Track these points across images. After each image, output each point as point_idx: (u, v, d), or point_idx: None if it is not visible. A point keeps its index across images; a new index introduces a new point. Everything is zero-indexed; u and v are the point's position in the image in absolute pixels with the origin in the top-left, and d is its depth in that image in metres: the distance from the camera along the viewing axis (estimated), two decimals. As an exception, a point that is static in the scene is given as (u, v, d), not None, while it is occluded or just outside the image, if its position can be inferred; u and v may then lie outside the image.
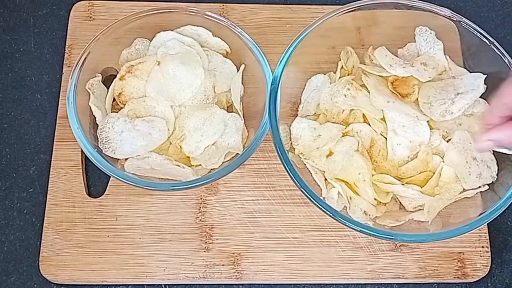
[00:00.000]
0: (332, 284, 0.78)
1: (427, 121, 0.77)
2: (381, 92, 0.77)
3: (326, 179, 0.75)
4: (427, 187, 0.75)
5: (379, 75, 0.79)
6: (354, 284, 0.78)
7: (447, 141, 0.77)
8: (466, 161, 0.75)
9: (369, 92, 0.78)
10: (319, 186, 0.74)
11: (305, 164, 0.76)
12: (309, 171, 0.75)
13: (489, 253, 0.79)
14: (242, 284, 0.78)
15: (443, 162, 0.76)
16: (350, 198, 0.74)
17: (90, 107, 0.76)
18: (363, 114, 0.78)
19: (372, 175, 0.75)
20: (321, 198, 0.72)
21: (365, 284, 0.78)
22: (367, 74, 0.79)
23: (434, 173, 0.76)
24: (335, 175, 0.75)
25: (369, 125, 0.78)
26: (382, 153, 0.77)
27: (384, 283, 0.78)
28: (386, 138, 0.77)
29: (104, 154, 0.74)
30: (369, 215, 0.74)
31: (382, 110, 0.77)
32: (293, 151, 0.77)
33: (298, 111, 0.80)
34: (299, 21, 0.89)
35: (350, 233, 0.79)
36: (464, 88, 0.78)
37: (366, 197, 0.74)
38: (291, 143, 0.78)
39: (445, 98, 0.77)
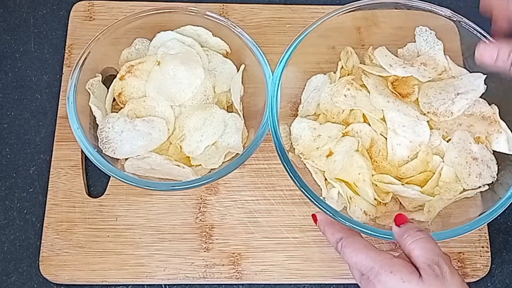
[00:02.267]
0: (332, 284, 0.78)
1: (427, 121, 0.77)
2: (381, 92, 0.77)
3: (326, 179, 0.75)
4: (427, 187, 0.75)
5: (379, 75, 0.79)
6: (354, 284, 0.78)
7: (447, 141, 0.77)
8: (466, 161, 0.75)
9: (369, 92, 0.78)
10: (319, 186, 0.74)
11: (305, 164, 0.76)
12: (309, 171, 0.75)
13: (489, 253, 0.79)
14: (242, 284, 0.78)
15: (443, 162, 0.76)
16: (350, 198, 0.74)
17: (90, 107, 0.76)
18: (363, 114, 0.78)
19: (372, 175, 0.75)
20: (321, 198, 0.72)
21: (365, 284, 0.78)
22: (367, 74, 0.79)
23: (434, 173, 0.75)
24: (335, 175, 0.75)
25: (369, 125, 0.78)
26: (382, 153, 0.77)
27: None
28: (386, 138, 0.77)
29: (104, 154, 0.74)
30: (369, 215, 0.74)
31: (382, 110, 0.77)
32: (293, 151, 0.77)
33: (298, 111, 0.80)
34: (299, 21, 0.89)
35: (350, 233, 0.79)
36: (464, 88, 0.77)
37: (366, 197, 0.74)
38: (291, 143, 0.78)
39: (445, 98, 0.77)
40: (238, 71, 0.81)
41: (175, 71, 0.78)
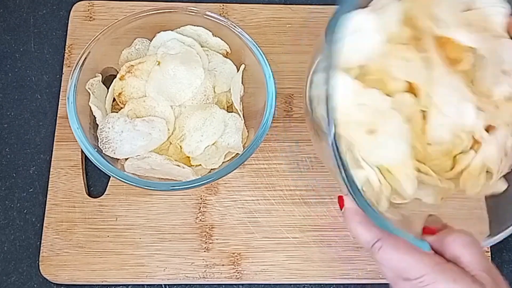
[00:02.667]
0: (332, 284, 0.78)
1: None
2: (436, 60, 0.64)
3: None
4: (452, 175, 0.66)
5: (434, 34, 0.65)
6: (354, 284, 0.78)
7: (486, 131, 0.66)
8: (500, 159, 0.66)
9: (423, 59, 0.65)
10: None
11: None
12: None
13: (489, 253, 0.79)
14: (242, 284, 0.78)
15: (477, 152, 0.66)
16: (381, 188, 0.64)
17: (90, 107, 0.76)
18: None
19: None
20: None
21: (365, 284, 0.78)
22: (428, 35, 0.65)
23: (459, 156, 0.66)
24: (374, 160, 0.62)
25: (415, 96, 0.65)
26: (416, 132, 0.65)
27: (384, 283, 0.78)
28: (425, 115, 0.65)
29: (104, 154, 0.74)
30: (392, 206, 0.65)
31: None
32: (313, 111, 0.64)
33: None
34: (299, 21, 0.89)
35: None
36: (509, 65, 0.66)
37: (399, 188, 0.64)
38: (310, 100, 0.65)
39: (493, 74, 0.66)
40: (238, 71, 0.81)
41: (175, 71, 0.78)
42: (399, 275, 0.56)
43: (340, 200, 0.61)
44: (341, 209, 0.61)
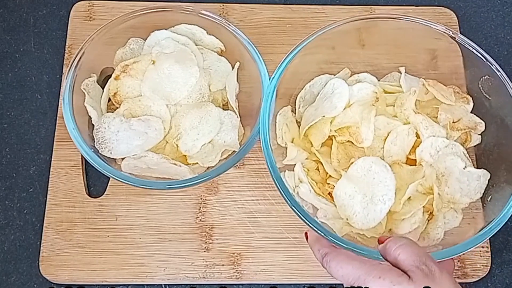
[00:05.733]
0: (332, 284, 0.78)
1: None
2: None
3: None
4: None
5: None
6: (354, 284, 0.78)
7: None
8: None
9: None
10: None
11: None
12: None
13: (489, 253, 0.78)
14: (242, 284, 0.78)
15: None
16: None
17: (86, 107, 0.76)
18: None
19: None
20: (312, 216, 0.70)
21: (364, 284, 0.78)
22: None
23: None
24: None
25: None
26: None
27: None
28: None
29: (100, 154, 0.74)
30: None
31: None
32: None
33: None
34: (299, 21, 0.89)
35: (350, 233, 0.78)
36: None
37: None
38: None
39: None
40: (233, 69, 0.81)
41: (170, 70, 0.78)
42: (347, 282, 0.62)
43: (305, 235, 0.70)
44: (307, 241, 0.69)
